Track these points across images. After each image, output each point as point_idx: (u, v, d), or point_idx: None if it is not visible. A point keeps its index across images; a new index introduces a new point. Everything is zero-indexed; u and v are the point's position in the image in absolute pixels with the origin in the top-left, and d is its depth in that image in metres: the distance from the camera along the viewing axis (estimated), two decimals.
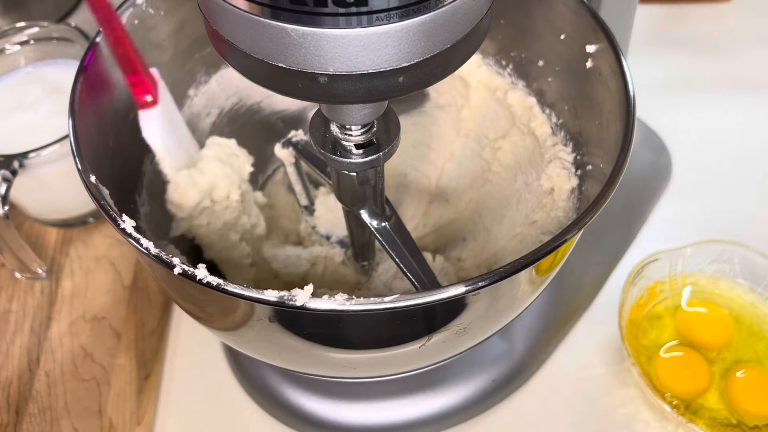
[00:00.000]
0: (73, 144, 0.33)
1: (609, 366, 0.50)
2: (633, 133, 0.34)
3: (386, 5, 0.22)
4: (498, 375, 0.48)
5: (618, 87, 0.36)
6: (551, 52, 0.43)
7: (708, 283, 0.51)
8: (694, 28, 0.74)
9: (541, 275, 0.34)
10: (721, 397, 0.46)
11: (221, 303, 0.31)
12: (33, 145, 0.49)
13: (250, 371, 0.49)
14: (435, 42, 0.24)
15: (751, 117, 0.65)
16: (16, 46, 0.56)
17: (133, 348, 0.50)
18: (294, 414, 0.47)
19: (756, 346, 0.48)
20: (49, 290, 0.53)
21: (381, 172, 0.35)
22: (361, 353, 0.34)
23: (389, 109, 0.33)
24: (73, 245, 0.56)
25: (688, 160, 0.61)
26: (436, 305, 0.28)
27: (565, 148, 0.43)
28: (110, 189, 0.34)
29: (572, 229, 0.30)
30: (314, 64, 0.24)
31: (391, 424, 0.46)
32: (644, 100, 0.49)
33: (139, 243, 0.29)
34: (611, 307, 0.49)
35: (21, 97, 0.54)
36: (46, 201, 0.55)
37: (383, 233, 0.37)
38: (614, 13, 0.46)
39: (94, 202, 0.31)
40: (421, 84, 0.26)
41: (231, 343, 0.39)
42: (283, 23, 0.23)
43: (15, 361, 0.49)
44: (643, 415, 0.47)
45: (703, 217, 0.57)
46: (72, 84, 0.35)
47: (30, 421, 0.46)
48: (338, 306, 0.27)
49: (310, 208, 0.53)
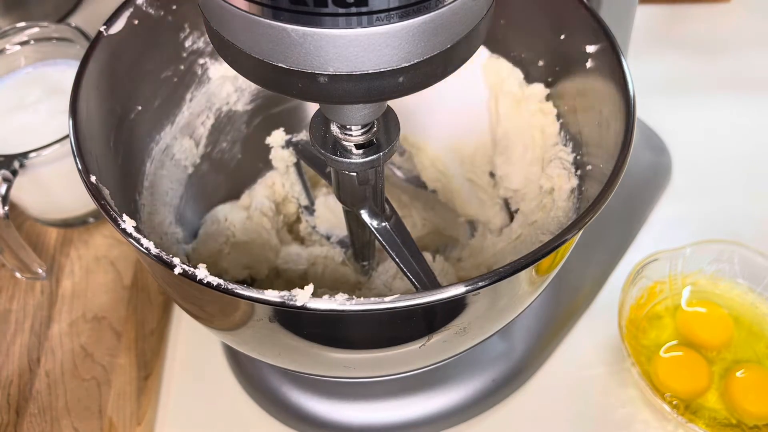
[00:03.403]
0: (73, 144, 0.33)
1: (609, 366, 0.50)
2: (633, 133, 0.34)
3: (386, 5, 0.22)
4: (498, 375, 0.48)
5: (618, 87, 0.36)
6: (551, 52, 0.43)
7: (708, 283, 0.51)
8: (694, 28, 0.74)
9: (541, 275, 0.34)
10: (721, 397, 0.46)
11: (221, 303, 0.31)
12: (33, 145, 0.49)
13: (250, 371, 0.49)
14: (435, 42, 0.24)
15: (751, 117, 0.65)
16: (16, 47, 0.56)
17: (133, 348, 0.50)
18: (294, 414, 0.47)
19: (756, 346, 0.48)
20: (49, 290, 0.53)
21: (381, 172, 0.35)
22: (361, 353, 0.34)
23: (389, 109, 0.33)
24: (74, 245, 0.56)
25: (688, 160, 0.61)
26: (436, 305, 0.28)
27: (565, 148, 0.43)
28: (110, 189, 0.34)
29: (572, 229, 0.30)
30: (314, 64, 0.24)
31: (391, 424, 0.46)
32: (644, 100, 0.49)
33: (140, 243, 0.29)
34: (611, 307, 0.49)
35: (21, 97, 0.54)
36: (46, 201, 0.55)
37: (383, 233, 0.37)
38: (614, 13, 0.46)
39: (95, 202, 0.31)
40: (421, 84, 0.26)
41: (231, 343, 0.39)
42: (283, 23, 0.23)
43: (15, 360, 0.49)
44: (643, 415, 0.47)
45: (703, 217, 0.57)
46: (72, 84, 0.35)
47: (30, 420, 0.46)
48: (338, 306, 0.27)
49: (310, 208, 0.53)
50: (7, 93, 0.55)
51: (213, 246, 0.48)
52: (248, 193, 0.53)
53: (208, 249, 0.47)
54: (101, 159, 0.36)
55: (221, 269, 0.47)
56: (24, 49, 0.56)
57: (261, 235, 0.49)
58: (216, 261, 0.47)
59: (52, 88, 0.55)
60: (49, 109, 0.53)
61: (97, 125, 0.37)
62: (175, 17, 0.43)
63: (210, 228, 0.49)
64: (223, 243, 0.48)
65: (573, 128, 0.43)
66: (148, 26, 0.41)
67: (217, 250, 0.48)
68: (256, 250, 0.49)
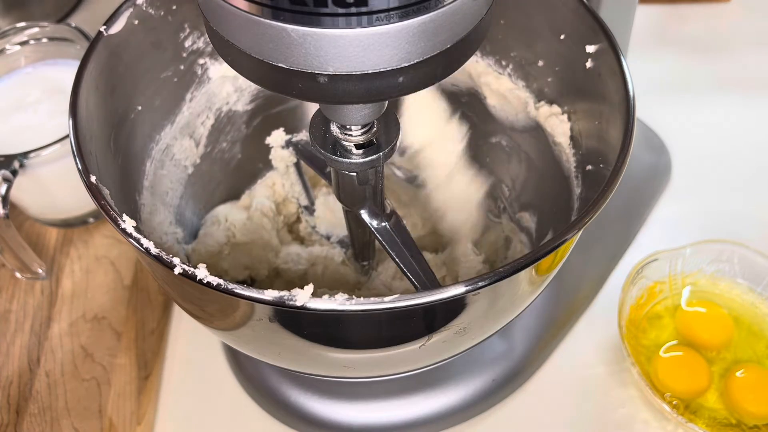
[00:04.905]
0: (73, 144, 0.33)
1: (608, 366, 0.50)
2: (633, 133, 0.34)
3: (386, 5, 0.22)
4: (498, 375, 0.48)
5: (618, 87, 0.36)
6: (551, 52, 0.43)
7: (707, 283, 0.51)
8: (694, 28, 0.74)
9: (540, 275, 0.34)
10: (721, 397, 0.46)
11: (221, 303, 0.31)
12: (33, 145, 0.49)
13: (250, 371, 0.49)
14: (435, 42, 0.24)
15: (751, 117, 0.65)
16: (16, 46, 0.56)
17: (133, 348, 0.50)
18: (294, 414, 0.47)
19: (755, 346, 0.48)
20: (49, 290, 0.53)
21: (381, 172, 0.35)
22: (361, 353, 0.34)
23: (389, 109, 0.33)
24: (74, 245, 0.56)
25: (688, 160, 0.61)
26: (436, 305, 0.28)
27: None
28: (110, 189, 0.34)
29: (572, 229, 0.30)
30: (314, 64, 0.24)
31: (391, 424, 0.46)
32: (644, 100, 0.49)
33: (139, 243, 0.29)
34: (611, 307, 0.49)
35: (21, 97, 0.54)
36: (46, 201, 0.55)
37: (383, 233, 0.37)
38: (614, 13, 0.46)
39: (95, 202, 0.31)
40: (421, 84, 0.26)
41: (231, 343, 0.39)
42: (283, 23, 0.23)
43: (15, 361, 0.49)
44: (643, 415, 0.47)
45: (702, 217, 0.58)
46: (72, 84, 0.35)
47: (30, 420, 0.46)
48: (338, 306, 0.27)
49: (310, 208, 0.53)
50: (7, 93, 0.55)
51: (213, 246, 0.48)
52: (248, 193, 0.53)
53: (208, 249, 0.47)
54: (101, 159, 0.36)
55: (221, 269, 0.47)
56: (24, 49, 0.56)
57: (261, 236, 0.49)
58: (216, 261, 0.47)
59: (52, 88, 0.55)
60: (49, 109, 0.53)
61: (97, 125, 0.37)
62: (175, 17, 0.43)
63: (210, 228, 0.49)
64: (223, 243, 0.48)
65: (573, 128, 0.43)
66: (148, 26, 0.41)
67: (217, 251, 0.48)
68: (256, 250, 0.49)
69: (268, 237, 0.50)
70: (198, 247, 0.47)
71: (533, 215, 0.47)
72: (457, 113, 0.50)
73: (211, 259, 0.47)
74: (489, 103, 0.48)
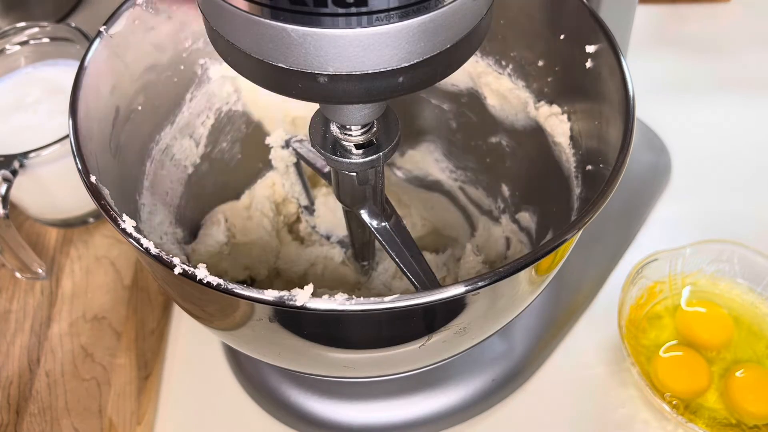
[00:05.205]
0: (73, 144, 0.33)
1: (608, 366, 0.50)
2: (633, 133, 0.34)
3: (386, 5, 0.22)
4: (498, 375, 0.48)
5: (618, 87, 0.36)
6: (551, 52, 0.43)
7: (707, 283, 0.51)
8: (694, 28, 0.74)
9: (540, 275, 0.34)
10: (721, 397, 0.46)
11: (221, 303, 0.31)
12: (33, 145, 0.49)
13: (250, 371, 0.49)
14: (435, 42, 0.24)
15: (751, 117, 0.65)
16: (16, 47, 0.56)
17: (133, 348, 0.50)
18: (294, 414, 0.47)
19: (755, 346, 0.48)
20: (49, 290, 0.53)
21: (381, 172, 0.35)
22: (361, 353, 0.34)
23: (389, 109, 0.33)
24: (73, 245, 0.56)
25: (687, 160, 0.61)
26: (436, 305, 0.28)
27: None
28: (110, 189, 0.34)
29: (572, 229, 0.30)
30: (314, 65, 0.24)
31: (391, 424, 0.46)
32: (644, 100, 0.49)
33: (139, 243, 0.29)
34: (611, 307, 0.49)
35: (21, 97, 0.54)
36: (46, 201, 0.55)
37: (383, 233, 0.37)
38: (614, 13, 0.46)
39: (94, 202, 0.31)
40: (421, 84, 0.26)
41: (231, 343, 0.39)
42: (283, 23, 0.23)
43: (15, 361, 0.49)
44: (643, 415, 0.47)
45: (702, 217, 0.58)
46: (72, 84, 0.35)
47: (30, 420, 0.46)
48: (338, 306, 0.27)
49: (310, 208, 0.53)
50: (7, 93, 0.55)
51: (213, 246, 0.48)
52: (248, 193, 0.53)
53: (208, 249, 0.47)
54: (101, 159, 0.36)
55: (221, 269, 0.47)
56: (24, 49, 0.56)
57: (261, 236, 0.49)
58: (216, 261, 0.47)
59: (52, 88, 0.55)
60: (48, 109, 0.53)
61: (97, 125, 0.37)
62: (174, 17, 0.43)
63: (210, 228, 0.49)
64: (223, 243, 0.48)
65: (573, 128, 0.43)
66: (148, 26, 0.41)
67: (217, 251, 0.48)
68: (256, 250, 0.49)
69: (268, 237, 0.50)
70: (198, 247, 0.47)
71: (533, 215, 0.47)
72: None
73: (211, 259, 0.47)
74: (489, 103, 0.48)
